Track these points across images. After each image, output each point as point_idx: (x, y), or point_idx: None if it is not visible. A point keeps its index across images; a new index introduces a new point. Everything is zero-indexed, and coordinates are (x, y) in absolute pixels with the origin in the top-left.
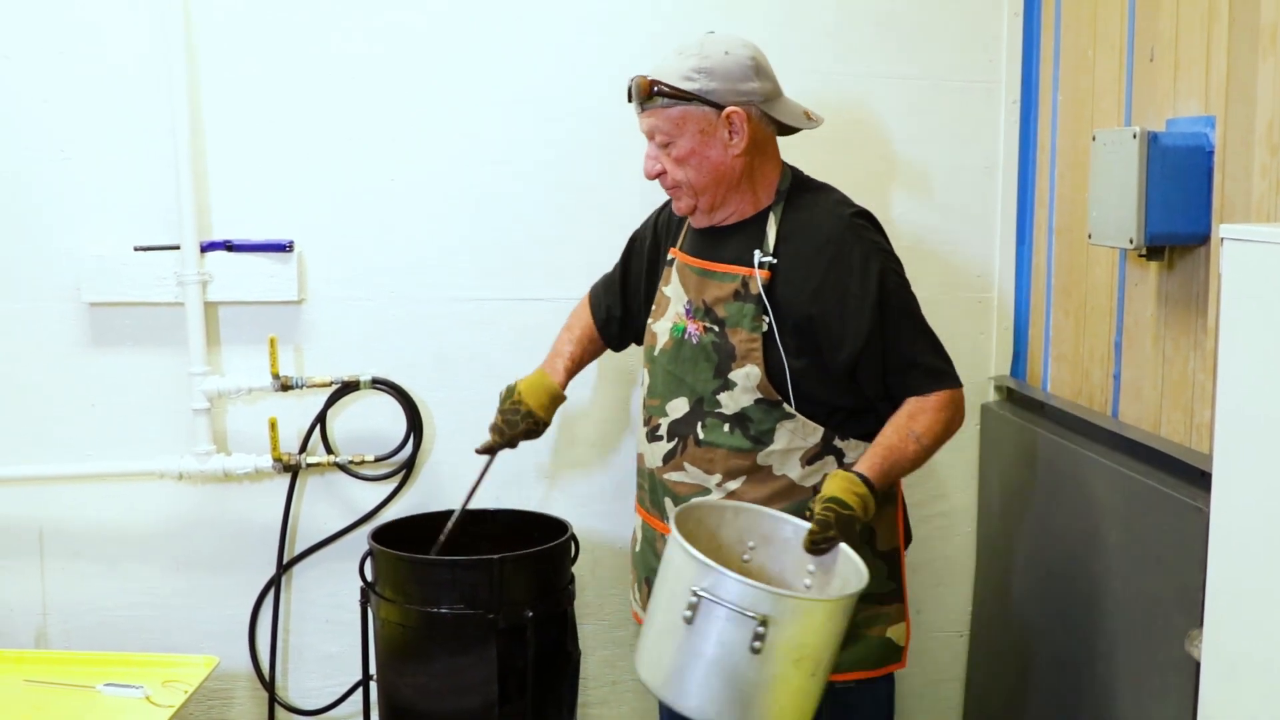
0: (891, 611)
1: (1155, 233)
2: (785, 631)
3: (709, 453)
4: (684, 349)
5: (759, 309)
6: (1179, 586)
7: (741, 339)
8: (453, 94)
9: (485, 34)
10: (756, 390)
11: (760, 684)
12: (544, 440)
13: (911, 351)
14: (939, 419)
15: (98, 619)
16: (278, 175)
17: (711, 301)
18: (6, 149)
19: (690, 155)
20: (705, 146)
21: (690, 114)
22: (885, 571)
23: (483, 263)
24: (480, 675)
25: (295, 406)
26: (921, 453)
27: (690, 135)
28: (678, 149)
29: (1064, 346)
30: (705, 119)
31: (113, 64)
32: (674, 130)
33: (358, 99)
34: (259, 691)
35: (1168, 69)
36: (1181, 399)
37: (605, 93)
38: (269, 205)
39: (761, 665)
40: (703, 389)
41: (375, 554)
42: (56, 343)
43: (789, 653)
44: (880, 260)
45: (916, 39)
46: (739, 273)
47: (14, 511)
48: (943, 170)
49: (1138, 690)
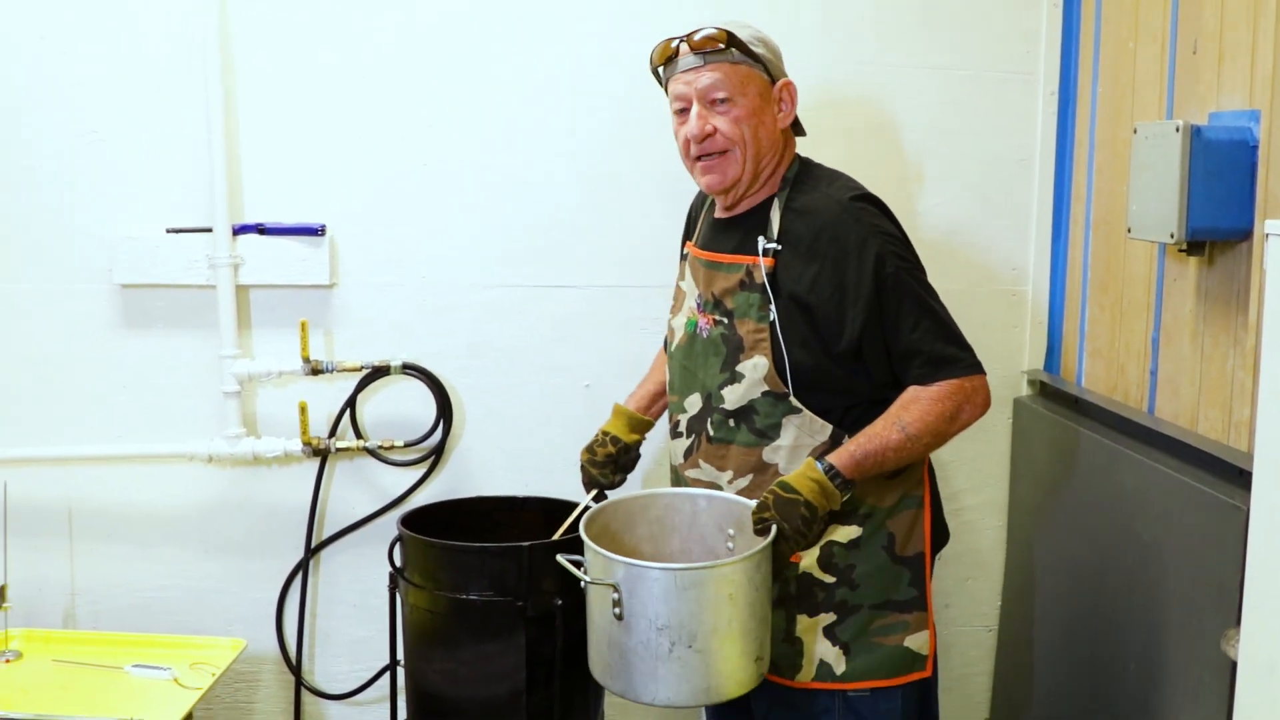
0: (911, 620)
1: (1196, 227)
2: (637, 599)
3: (721, 449)
4: (696, 344)
5: (764, 298)
6: (1215, 585)
7: (749, 330)
8: (486, 80)
9: (520, 21)
10: (764, 382)
11: (632, 650)
12: (576, 429)
13: (913, 338)
14: (934, 410)
15: (126, 600)
16: (311, 159)
17: (720, 293)
18: (41, 131)
19: (751, 116)
20: (763, 111)
21: (755, 75)
22: (907, 578)
23: (514, 249)
24: (508, 663)
25: (325, 391)
26: (908, 443)
27: (752, 96)
28: (739, 107)
29: (1100, 341)
30: (765, 85)
31: (147, 46)
32: (738, 88)
33: (392, 84)
34: (286, 675)
35: (1211, 61)
36: (1220, 396)
37: (638, 81)
38: (301, 189)
39: (626, 633)
40: (710, 384)
41: (404, 539)
42: (88, 324)
43: (649, 621)
44: (878, 243)
45: (955, 30)
46: (743, 262)
47: (44, 492)
48: (979, 162)
49: (1172, 689)
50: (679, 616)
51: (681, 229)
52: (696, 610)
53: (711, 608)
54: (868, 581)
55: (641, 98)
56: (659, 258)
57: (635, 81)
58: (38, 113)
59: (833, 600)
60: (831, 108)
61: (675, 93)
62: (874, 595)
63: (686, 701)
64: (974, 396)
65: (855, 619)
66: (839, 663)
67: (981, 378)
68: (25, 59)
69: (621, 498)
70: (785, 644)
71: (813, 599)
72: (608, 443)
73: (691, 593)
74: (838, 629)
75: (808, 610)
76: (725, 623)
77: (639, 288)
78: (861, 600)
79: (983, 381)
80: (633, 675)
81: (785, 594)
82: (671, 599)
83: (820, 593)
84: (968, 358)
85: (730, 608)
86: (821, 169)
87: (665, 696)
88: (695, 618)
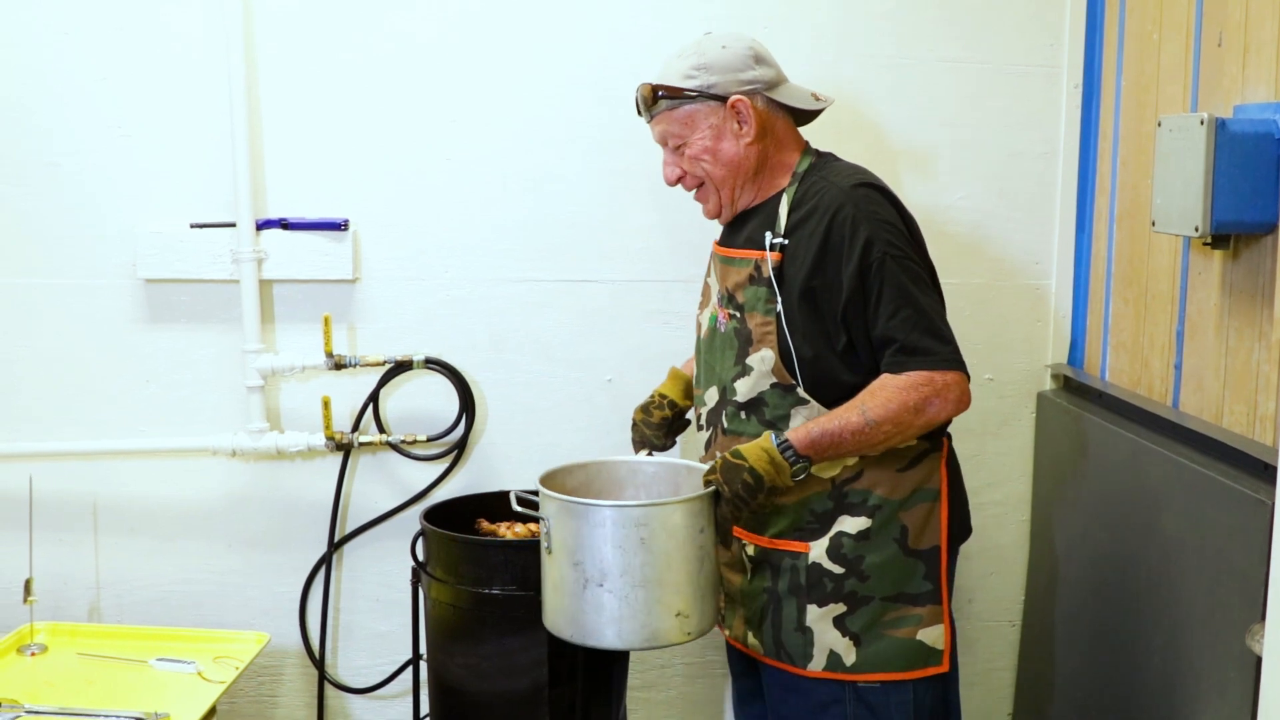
0: (925, 613)
1: (1221, 220)
2: (558, 533)
3: (734, 441)
4: (715, 338)
5: (770, 292)
6: (1240, 579)
7: (757, 323)
8: (510, 74)
9: (543, 14)
10: (771, 374)
11: (555, 586)
12: (600, 423)
13: (890, 325)
14: (898, 398)
15: (151, 594)
16: (334, 154)
17: (733, 288)
18: (66, 126)
19: (704, 152)
20: (717, 141)
21: (697, 111)
22: (921, 571)
23: (537, 244)
24: (530, 657)
25: (348, 385)
26: (868, 428)
27: (701, 132)
28: (692, 148)
29: (1123, 335)
30: (713, 114)
31: (171, 42)
32: (684, 130)
33: (415, 79)
34: (309, 669)
35: (1236, 54)
36: (1245, 390)
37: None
38: (325, 184)
39: (553, 567)
40: (726, 377)
41: (427, 534)
42: (113, 319)
43: (566, 554)
44: (869, 228)
45: (978, 23)
46: (752, 256)
47: (69, 486)
48: (1002, 156)
49: (1196, 685)
50: (590, 552)
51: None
52: (605, 548)
53: (621, 548)
54: (879, 573)
55: None
56: (681, 252)
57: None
58: (63, 109)
59: (842, 591)
60: (853, 103)
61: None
62: (886, 587)
63: (596, 642)
64: (945, 391)
65: (866, 610)
66: (849, 653)
67: (957, 374)
68: (51, 55)
69: (583, 461)
70: (796, 633)
71: (822, 589)
72: (665, 406)
73: (603, 530)
74: (848, 620)
75: (817, 600)
76: (638, 566)
77: (661, 282)
78: (872, 592)
79: (958, 378)
80: (556, 612)
81: (795, 584)
82: (584, 534)
83: (829, 583)
84: (944, 351)
85: (643, 552)
86: (835, 162)
87: (574, 634)
88: (604, 556)
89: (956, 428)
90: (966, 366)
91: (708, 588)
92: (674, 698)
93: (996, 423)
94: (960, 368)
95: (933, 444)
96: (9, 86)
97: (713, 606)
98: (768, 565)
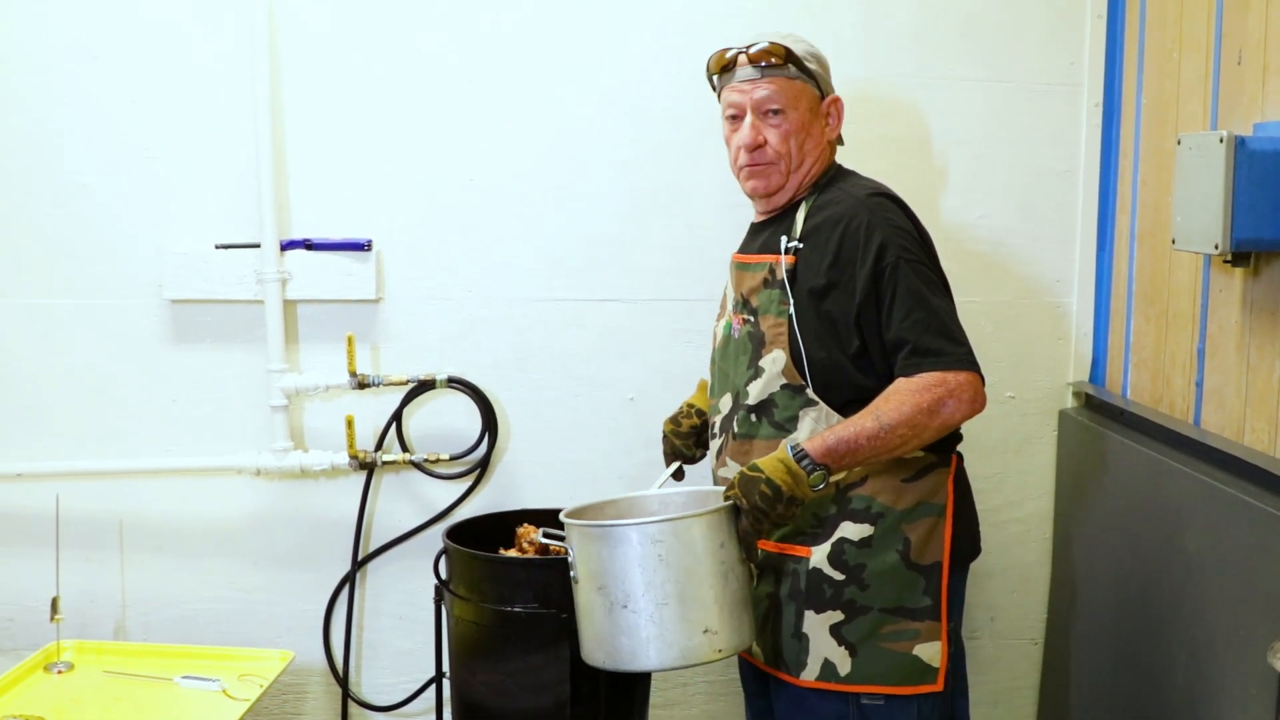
0: (923, 629)
1: (1242, 238)
2: (581, 560)
3: (745, 445)
4: (730, 345)
5: (783, 294)
6: (1263, 597)
7: (770, 324)
8: (533, 95)
9: (566, 35)
10: (782, 375)
11: (584, 613)
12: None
13: (902, 328)
14: (912, 401)
15: (176, 612)
16: (357, 175)
17: (747, 292)
18: (94, 148)
19: (800, 129)
20: (811, 124)
21: (807, 90)
22: (922, 585)
23: (560, 263)
24: (553, 674)
25: (372, 404)
26: (884, 433)
27: (803, 110)
28: (790, 121)
29: (1144, 353)
30: (815, 100)
31: (197, 65)
32: (791, 102)
33: (438, 99)
34: (333, 686)
35: (1256, 72)
36: (1266, 408)
37: (685, 94)
38: (348, 204)
39: (581, 595)
40: (739, 382)
41: (450, 552)
42: (138, 339)
43: (590, 580)
44: (883, 233)
45: (998, 41)
46: (767, 260)
47: (95, 505)
48: (1022, 174)
49: (1218, 702)
50: (613, 575)
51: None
52: (626, 568)
53: (640, 566)
54: (878, 583)
55: (687, 112)
56: (703, 271)
57: (681, 96)
58: (90, 131)
59: (841, 598)
60: (874, 120)
61: (729, 101)
62: (885, 599)
63: (630, 665)
64: (959, 392)
65: (864, 620)
66: (844, 663)
67: (970, 374)
68: (78, 78)
69: (614, 498)
70: (793, 639)
71: (821, 595)
72: (693, 414)
73: (621, 549)
74: (844, 629)
75: (815, 607)
76: (659, 584)
77: (684, 301)
78: (871, 602)
79: (971, 378)
80: (588, 640)
81: (795, 589)
82: (604, 556)
83: (829, 589)
84: (957, 352)
85: (663, 569)
86: (852, 174)
87: (605, 659)
88: (626, 575)
89: (977, 446)
90: (980, 367)
91: (736, 604)
92: (696, 715)
93: (1018, 441)
94: (974, 368)
95: (941, 458)
96: (38, 110)
97: (745, 624)
98: (772, 570)
